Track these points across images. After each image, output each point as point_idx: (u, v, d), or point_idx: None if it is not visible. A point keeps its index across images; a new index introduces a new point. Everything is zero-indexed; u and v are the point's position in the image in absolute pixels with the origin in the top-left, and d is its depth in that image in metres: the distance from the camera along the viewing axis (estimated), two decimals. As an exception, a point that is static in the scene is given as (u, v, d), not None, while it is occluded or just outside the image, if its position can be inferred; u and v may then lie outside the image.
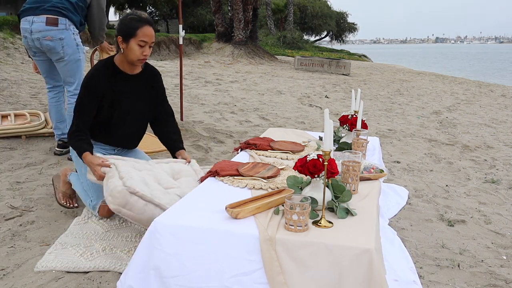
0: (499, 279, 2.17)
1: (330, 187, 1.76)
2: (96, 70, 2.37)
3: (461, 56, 54.08)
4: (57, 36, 3.15)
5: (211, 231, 1.56)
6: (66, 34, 3.19)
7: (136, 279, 1.62)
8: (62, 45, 3.18)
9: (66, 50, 3.21)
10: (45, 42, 3.16)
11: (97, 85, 2.34)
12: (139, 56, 2.31)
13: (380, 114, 7.04)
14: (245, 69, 13.37)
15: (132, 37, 2.27)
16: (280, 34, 26.06)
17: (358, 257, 1.43)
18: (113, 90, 2.39)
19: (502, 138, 5.67)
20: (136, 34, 2.27)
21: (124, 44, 2.30)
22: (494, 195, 3.45)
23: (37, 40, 3.16)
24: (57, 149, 3.56)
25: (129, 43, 2.28)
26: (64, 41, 3.18)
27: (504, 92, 11.39)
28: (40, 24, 3.12)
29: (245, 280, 1.51)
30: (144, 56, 2.32)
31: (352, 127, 2.61)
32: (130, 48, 2.29)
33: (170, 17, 31.55)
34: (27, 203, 2.64)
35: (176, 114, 5.38)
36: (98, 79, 2.35)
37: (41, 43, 3.17)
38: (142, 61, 2.36)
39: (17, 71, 7.25)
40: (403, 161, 4.29)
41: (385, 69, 17.81)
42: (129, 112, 2.47)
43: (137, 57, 2.31)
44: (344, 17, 41.03)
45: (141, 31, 2.27)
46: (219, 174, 2.09)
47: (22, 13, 3.20)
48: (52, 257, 2.04)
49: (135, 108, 2.49)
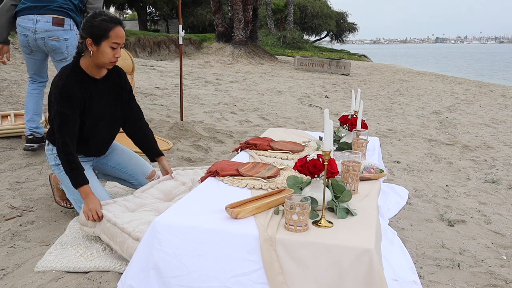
0: (499, 279, 2.17)
1: (330, 187, 1.76)
2: (66, 77, 2.20)
3: (458, 56, 54.12)
4: (63, 36, 3.17)
5: (211, 231, 1.56)
6: (71, 34, 3.21)
7: (137, 278, 1.62)
8: (67, 45, 3.20)
9: (70, 51, 3.22)
10: (50, 42, 3.16)
11: (73, 92, 2.18)
12: (111, 58, 2.20)
13: (380, 114, 7.04)
14: (245, 69, 13.38)
15: (103, 39, 2.14)
16: (280, 34, 26.06)
17: (358, 257, 1.43)
18: (84, 97, 2.25)
19: (502, 138, 5.67)
20: (109, 36, 2.14)
21: (94, 46, 2.15)
22: (494, 195, 3.45)
23: (41, 39, 3.16)
24: (27, 145, 3.44)
25: (100, 46, 2.15)
26: (69, 41, 3.20)
27: (504, 92, 11.39)
28: (46, 24, 3.11)
29: (245, 280, 1.51)
30: (116, 58, 2.21)
31: (352, 127, 2.61)
32: (102, 50, 2.16)
33: (170, 17, 31.55)
34: (27, 203, 2.64)
35: (176, 114, 5.44)
36: (72, 87, 2.19)
37: (45, 42, 3.17)
38: (114, 63, 2.24)
39: (17, 71, 7.24)
40: (403, 161, 4.29)
41: (385, 69, 17.81)
42: (101, 118, 2.36)
43: (109, 59, 2.20)
44: (344, 17, 41.03)
45: (113, 32, 2.15)
46: (219, 174, 2.09)
47: (22, 11, 3.16)
48: (52, 257, 2.04)
49: (107, 112, 2.38)
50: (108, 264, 1.99)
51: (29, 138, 3.45)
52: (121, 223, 2.02)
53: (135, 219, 2.08)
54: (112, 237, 2.03)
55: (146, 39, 15.44)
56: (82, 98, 2.24)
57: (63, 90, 2.17)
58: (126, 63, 4.30)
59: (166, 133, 4.51)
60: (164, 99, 6.58)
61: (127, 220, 2.06)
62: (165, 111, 5.64)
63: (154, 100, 6.40)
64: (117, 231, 2.01)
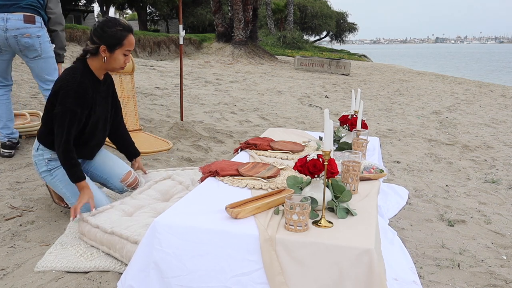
0: (499, 279, 2.17)
1: (330, 187, 1.76)
2: (81, 76, 2.21)
3: (458, 56, 54.09)
4: (36, 33, 3.15)
5: (211, 231, 1.56)
6: (42, 32, 3.21)
7: (137, 279, 1.62)
8: (40, 42, 3.19)
9: (43, 47, 3.22)
10: (23, 40, 3.12)
11: (87, 92, 2.21)
12: (122, 64, 2.28)
13: (380, 114, 7.04)
14: (245, 69, 13.38)
15: (118, 47, 2.22)
16: (280, 34, 26.06)
17: (358, 257, 1.43)
18: (94, 99, 2.29)
19: (502, 138, 5.67)
20: (123, 44, 2.23)
21: (107, 53, 2.22)
22: (494, 195, 3.45)
23: (13, 38, 3.10)
24: (4, 151, 3.41)
25: (114, 53, 2.23)
26: (41, 38, 3.20)
27: (504, 92, 11.39)
28: (17, 22, 3.08)
29: (245, 280, 1.51)
30: (125, 64, 2.30)
31: (352, 127, 2.61)
32: (115, 57, 2.24)
33: (170, 17, 31.57)
34: (27, 203, 2.64)
35: (176, 114, 5.44)
36: (86, 87, 2.21)
37: (18, 40, 3.12)
38: (123, 68, 2.32)
39: (17, 71, 7.24)
40: (403, 161, 4.29)
41: (385, 69, 17.81)
42: (99, 121, 2.38)
43: (120, 65, 2.28)
44: (344, 17, 41.03)
45: (127, 40, 2.24)
46: (219, 174, 2.09)
47: None
48: (52, 257, 2.04)
49: (103, 115, 2.41)
50: (108, 264, 1.99)
51: (8, 145, 3.44)
52: (119, 230, 2.02)
53: (133, 224, 2.08)
54: (111, 246, 2.03)
55: (146, 39, 15.45)
56: (92, 99, 2.27)
57: (79, 89, 2.17)
58: (126, 63, 4.31)
59: (166, 133, 4.51)
60: (164, 99, 6.59)
61: (125, 226, 2.06)
62: (165, 111, 5.64)
63: (154, 100, 6.41)
64: (115, 239, 2.01)
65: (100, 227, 2.09)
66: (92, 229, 2.12)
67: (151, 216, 2.17)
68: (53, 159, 2.34)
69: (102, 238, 2.07)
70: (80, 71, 2.23)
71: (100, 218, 2.17)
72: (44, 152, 2.33)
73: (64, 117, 2.16)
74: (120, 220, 2.13)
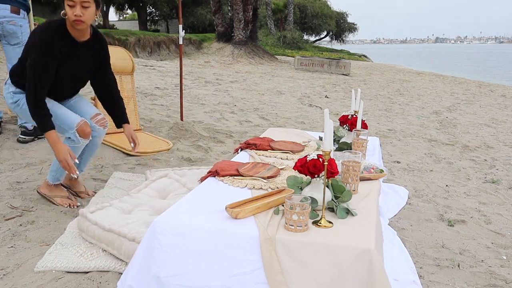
0: (499, 279, 2.17)
1: (330, 187, 1.76)
2: (52, 31, 2.27)
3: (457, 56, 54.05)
4: (19, 23, 3.55)
5: (211, 231, 1.56)
6: (24, 22, 3.61)
7: (136, 279, 1.62)
8: (21, 31, 3.58)
9: (24, 37, 3.57)
10: (8, 26, 3.51)
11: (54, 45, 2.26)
12: (72, 17, 2.23)
13: (380, 114, 7.04)
14: (245, 69, 13.38)
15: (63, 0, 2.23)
16: (280, 34, 26.06)
17: (358, 257, 1.43)
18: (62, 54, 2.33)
19: (502, 138, 5.67)
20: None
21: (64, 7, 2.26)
22: (494, 195, 3.45)
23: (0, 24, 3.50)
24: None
25: (65, 6, 2.23)
26: (23, 28, 3.59)
27: (504, 92, 11.40)
28: (5, 11, 3.48)
29: (245, 280, 1.51)
30: (75, 16, 2.22)
31: (352, 127, 2.61)
32: (66, 11, 2.24)
33: (170, 17, 31.55)
34: (27, 203, 2.64)
35: (176, 114, 5.44)
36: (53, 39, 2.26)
37: (3, 26, 3.50)
38: (77, 22, 2.25)
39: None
40: (403, 161, 4.29)
41: (385, 69, 17.81)
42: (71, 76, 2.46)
43: (70, 18, 2.24)
44: (344, 17, 41.00)
45: None
46: (219, 174, 2.09)
47: None
48: (52, 257, 2.04)
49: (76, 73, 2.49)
50: (108, 264, 1.99)
51: None
52: (117, 227, 2.03)
53: (132, 221, 2.09)
54: (109, 243, 2.04)
55: (146, 39, 15.45)
56: (60, 54, 2.31)
57: (46, 40, 2.25)
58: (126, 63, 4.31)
59: (166, 133, 4.51)
60: (164, 99, 6.58)
61: (123, 223, 2.07)
62: (165, 111, 5.64)
63: (154, 100, 6.40)
64: (113, 236, 2.02)
65: (99, 224, 2.10)
66: (91, 225, 2.14)
67: (149, 214, 2.18)
68: (17, 91, 2.46)
69: (101, 235, 2.08)
70: (53, 26, 2.30)
71: (99, 215, 2.19)
72: (10, 86, 2.47)
73: (32, 68, 2.25)
74: (118, 218, 2.15)
